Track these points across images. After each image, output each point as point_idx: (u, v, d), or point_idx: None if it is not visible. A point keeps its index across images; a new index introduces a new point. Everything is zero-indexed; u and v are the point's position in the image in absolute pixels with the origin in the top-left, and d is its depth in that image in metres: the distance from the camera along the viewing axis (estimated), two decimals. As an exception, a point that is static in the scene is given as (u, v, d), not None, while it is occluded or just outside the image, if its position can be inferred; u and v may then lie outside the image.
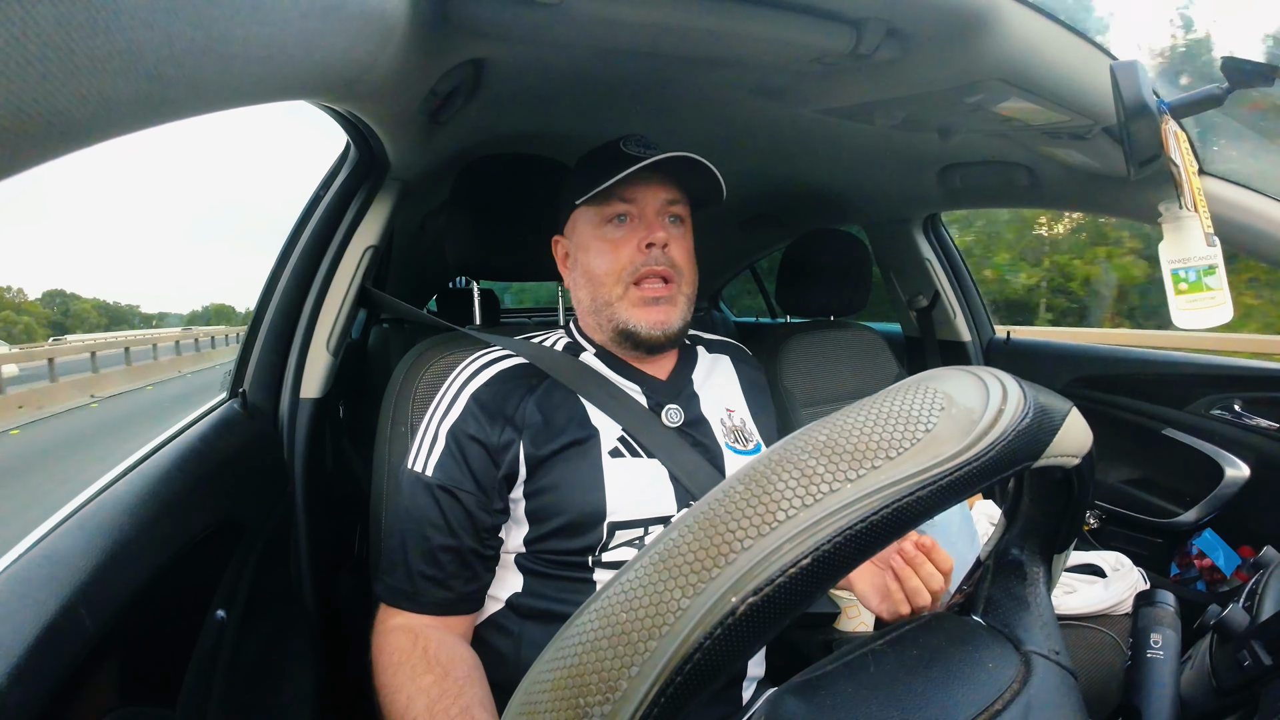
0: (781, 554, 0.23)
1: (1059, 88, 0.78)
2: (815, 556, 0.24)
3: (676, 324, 0.79)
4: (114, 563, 0.46)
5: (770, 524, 0.24)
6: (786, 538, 0.24)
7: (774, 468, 0.26)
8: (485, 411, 0.74)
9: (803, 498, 0.25)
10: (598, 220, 0.79)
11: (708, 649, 0.22)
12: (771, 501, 0.25)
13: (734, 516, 0.24)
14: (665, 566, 0.24)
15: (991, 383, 0.30)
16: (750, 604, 0.23)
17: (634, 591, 0.24)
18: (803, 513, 0.24)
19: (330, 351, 0.91)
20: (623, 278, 0.77)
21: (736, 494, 0.25)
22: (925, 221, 1.65)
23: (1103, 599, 1.01)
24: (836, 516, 0.24)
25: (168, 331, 20.43)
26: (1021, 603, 0.39)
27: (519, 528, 0.74)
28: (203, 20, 0.29)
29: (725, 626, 0.23)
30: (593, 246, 0.79)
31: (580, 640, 0.24)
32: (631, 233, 0.78)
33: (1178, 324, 0.82)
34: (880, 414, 0.28)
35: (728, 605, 0.23)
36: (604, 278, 0.78)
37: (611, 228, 0.79)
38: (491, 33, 0.67)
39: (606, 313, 0.79)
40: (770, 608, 0.23)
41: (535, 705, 0.24)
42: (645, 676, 0.22)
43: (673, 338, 0.79)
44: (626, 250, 0.77)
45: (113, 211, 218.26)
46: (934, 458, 0.26)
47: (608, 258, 0.78)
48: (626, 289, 0.78)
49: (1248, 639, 0.44)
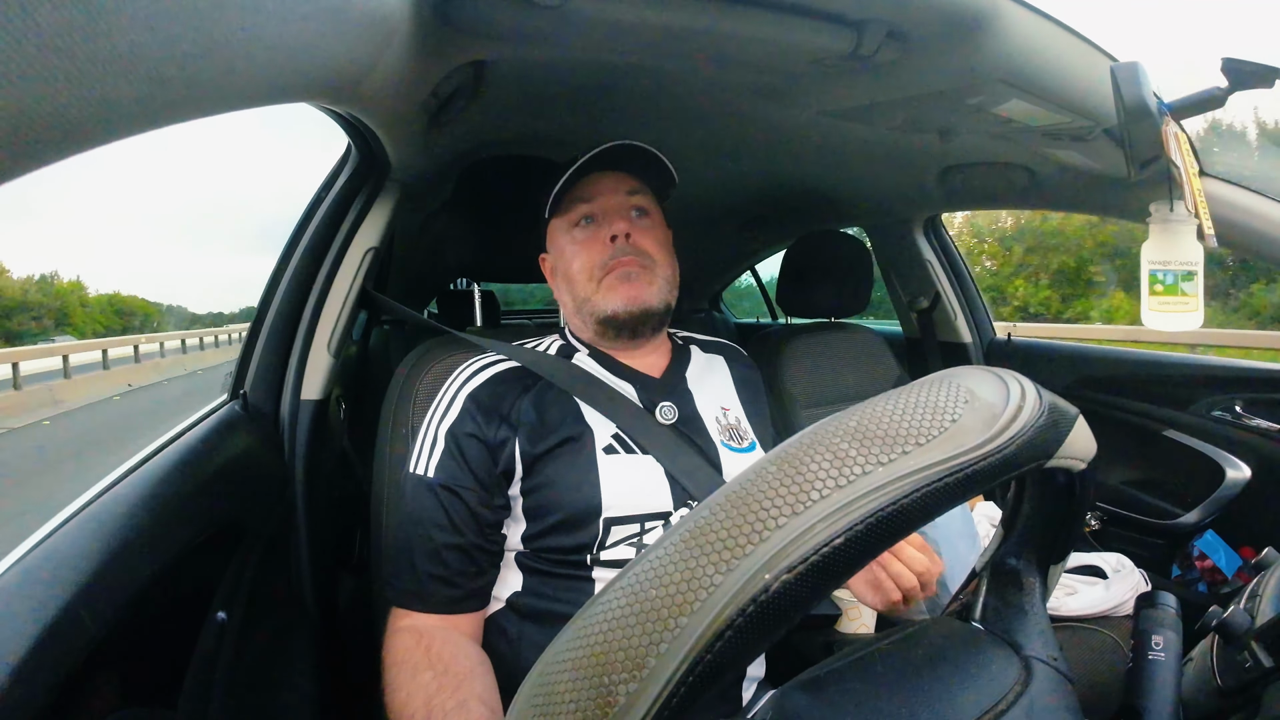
0: (815, 533, 0.23)
1: (1059, 89, 0.78)
2: (848, 537, 0.24)
3: (653, 301, 0.80)
4: (115, 564, 0.46)
5: (804, 503, 0.24)
6: (820, 517, 0.24)
7: (807, 450, 0.26)
8: (482, 411, 0.75)
9: (836, 479, 0.25)
10: (567, 226, 0.83)
11: (739, 627, 0.22)
12: (805, 482, 0.25)
13: (767, 495, 0.25)
14: (697, 543, 0.24)
15: (1011, 382, 0.31)
16: (784, 581, 0.23)
17: (664, 568, 0.24)
18: (836, 493, 0.24)
19: (331, 353, 0.91)
20: (594, 274, 0.80)
21: (769, 474, 0.25)
22: (926, 223, 1.65)
23: (1104, 600, 1.01)
24: (869, 498, 0.24)
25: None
26: (1019, 610, 0.39)
27: (517, 524, 0.75)
28: (204, 23, 0.29)
29: (758, 604, 0.22)
30: (566, 250, 0.83)
31: (605, 618, 0.24)
32: (597, 230, 0.81)
33: (1147, 324, 0.83)
34: (908, 404, 0.28)
35: (761, 582, 0.23)
36: (578, 276, 0.81)
37: (579, 230, 0.82)
38: (492, 35, 0.67)
39: (586, 308, 0.81)
40: (801, 587, 0.23)
41: (552, 686, 0.24)
42: (674, 654, 0.22)
43: (652, 315, 0.81)
44: (595, 247, 0.81)
45: (111, 211, 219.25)
46: (960, 446, 0.26)
47: (580, 258, 0.81)
48: (599, 282, 0.80)
49: (1249, 640, 0.44)
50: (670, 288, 0.83)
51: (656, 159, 0.81)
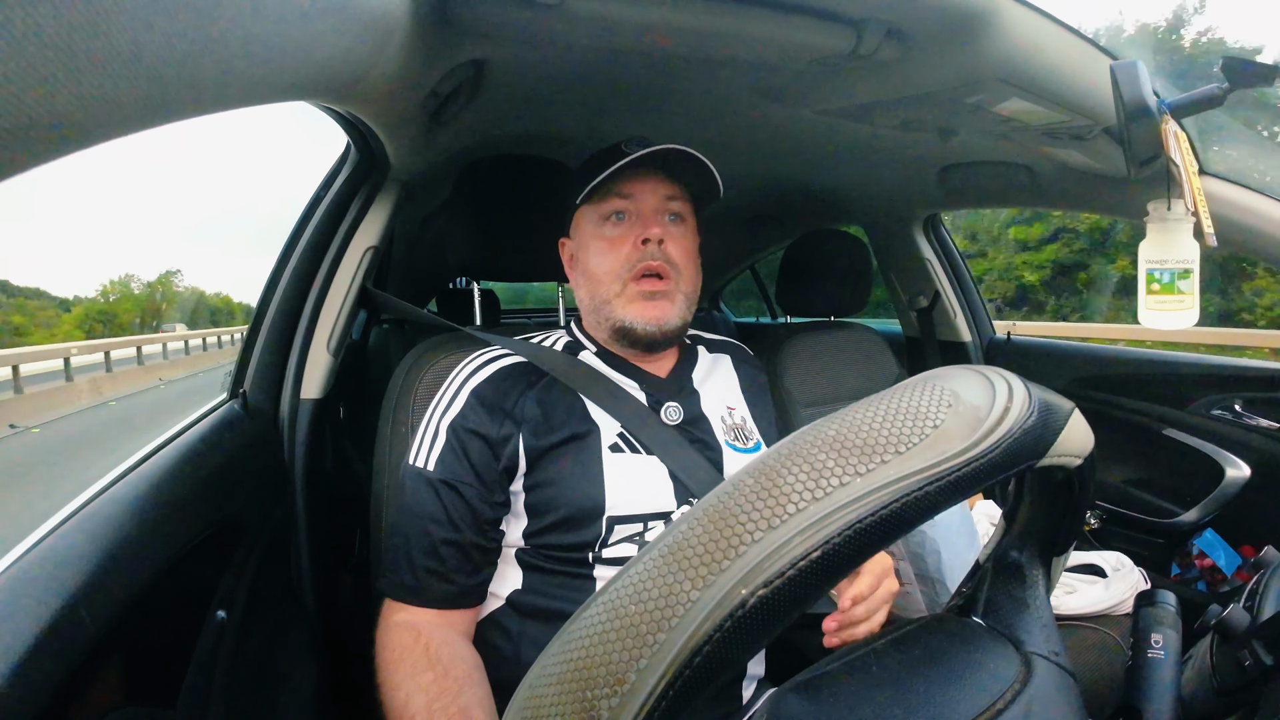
0: (792, 547, 0.23)
1: (1059, 88, 0.78)
2: (825, 550, 0.24)
3: (674, 321, 0.78)
4: (115, 563, 0.46)
5: (781, 517, 0.24)
6: (796, 531, 0.24)
7: (783, 461, 0.26)
8: (485, 406, 0.74)
9: (813, 491, 0.24)
10: (596, 219, 0.80)
11: (717, 642, 0.22)
12: (781, 495, 0.25)
13: (744, 509, 0.24)
14: (675, 559, 0.24)
15: (997, 382, 0.30)
16: (760, 596, 0.23)
17: (643, 584, 0.24)
18: (812, 506, 0.24)
19: (331, 352, 0.91)
20: (620, 275, 0.77)
21: (746, 487, 0.25)
22: (925, 222, 1.65)
23: (1103, 599, 1.01)
24: (846, 510, 0.24)
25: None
26: (1021, 604, 0.39)
27: (518, 521, 0.74)
28: (203, 22, 0.29)
29: (735, 619, 0.22)
30: (592, 245, 0.80)
31: (587, 633, 0.24)
32: (629, 230, 0.78)
33: (1144, 322, 0.83)
34: (889, 410, 0.28)
35: (737, 598, 0.23)
36: (602, 276, 0.79)
37: (609, 226, 0.79)
38: (492, 33, 0.67)
39: (605, 310, 0.79)
40: (779, 601, 0.23)
41: (540, 699, 0.24)
42: (654, 669, 0.22)
43: (670, 335, 0.79)
44: (624, 248, 0.77)
45: (111, 211, 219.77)
46: (942, 454, 0.26)
47: (606, 256, 0.78)
48: (624, 286, 0.78)
49: (1249, 639, 0.44)
50: (690, 304, 0.81)
51: (704, 167, 0.77)
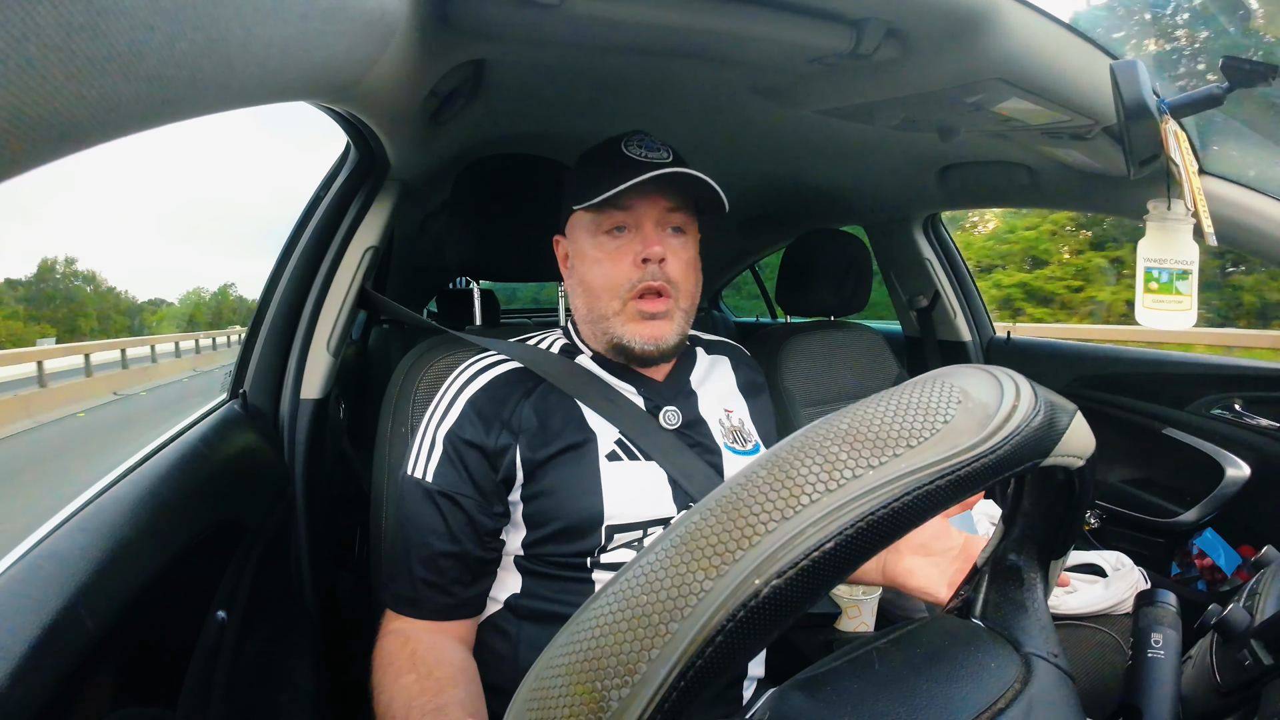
0: (805, 537, 0.23)
1: (1059, 87, 0.78)
2: (838, 541, 0.24)
3: (671, 340, 0.76)
4: (115, 563, 0.46)
5: (794, 508, 0.24)
6: (810, 521, 0.24)
7: (797, 453, 0.26)
8: (481, 417, 0.73)
9: (826, 483, 0.25)
10: (594, 229, 0.76)
11: (730, 632, 0.22)
12: (795, 486, 0.25)
13: (757, 500, 0.24)
14: (687, 548, 0.24)
15: (1005, 381, 0.30)
16: (774, 587, 0.23)
17: (655, 573, 0.24)
18: (826, 497, 0.24)
19: (330, 352, 0.91)
20: (619, 294, 0.75)
21: (759, 478, 0.25)
22: (925, 221, 1.65)
23: (1103, 598, 1.01)
24: (859, 502, 0.24)
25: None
26: (1019, 606, 0.39)
27: (517, 531, 0.74)
28: (203, 22, 0.29)
29: (748, 609, 0.22)
30: (589, 255, 0.77)
31: (597, 623, 0.24)
32: (628, 245, 0.75)
33: (1141, 322, 0.83)
34: (900, 405, 0.28)
35: (751, 588, 0.23)
36: (600, 292, 0.76)
37: (608, 239, 0.76)
38: (492, 33, 0.67)
39: (602, 325, 0.77)
40: (792, 591, 0.23)
41: (547, 691, 0.24)
42: (666, 659, 0.22)
43: (667, 353, 0.78)
44: (623, 265, 0.74)
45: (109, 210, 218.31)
46: (953, 448, 0.26)
47: (604, 270, 0.75)
48: (624, 305, 0.75)
49: (1248, 638, 0.44)
50: (689, 318, 0.79)
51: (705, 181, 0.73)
